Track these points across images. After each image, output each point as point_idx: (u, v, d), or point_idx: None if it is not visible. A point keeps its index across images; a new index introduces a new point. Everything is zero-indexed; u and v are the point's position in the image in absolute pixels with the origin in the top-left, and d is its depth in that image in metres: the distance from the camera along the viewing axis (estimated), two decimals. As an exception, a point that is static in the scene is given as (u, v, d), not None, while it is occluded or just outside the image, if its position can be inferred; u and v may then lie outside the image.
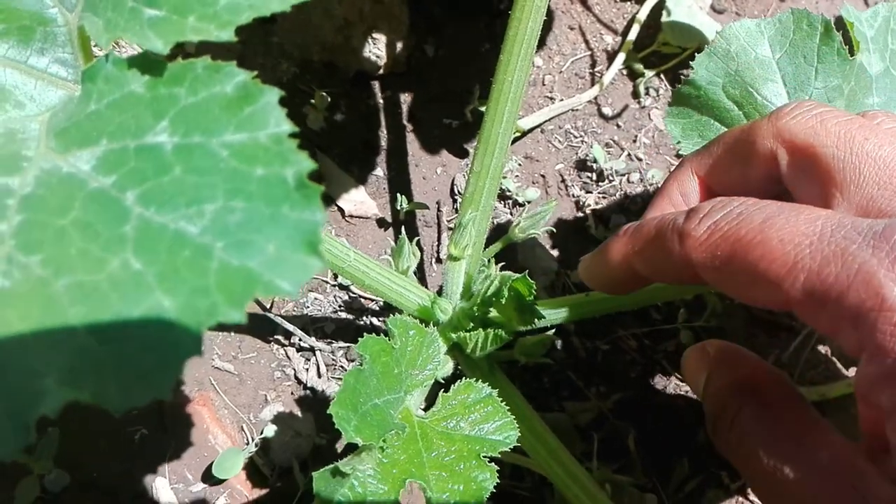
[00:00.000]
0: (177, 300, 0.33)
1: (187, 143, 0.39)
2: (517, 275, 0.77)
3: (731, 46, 0.77)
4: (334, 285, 1.12)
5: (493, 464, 0.70)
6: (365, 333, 0.71)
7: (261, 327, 1.09)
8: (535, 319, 0.81)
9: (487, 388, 0.76)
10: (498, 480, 0.70)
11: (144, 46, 0.44)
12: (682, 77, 0.83)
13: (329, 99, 1.15)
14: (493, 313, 0.85)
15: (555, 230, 1.15)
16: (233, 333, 1.09)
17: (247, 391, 1.06)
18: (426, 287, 1.08)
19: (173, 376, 0.31)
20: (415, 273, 0.95)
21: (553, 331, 0.89)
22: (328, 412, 0.62)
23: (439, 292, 0.96)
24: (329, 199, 1.14)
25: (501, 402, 0.75)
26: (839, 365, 1.12)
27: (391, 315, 0.74)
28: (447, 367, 0.90)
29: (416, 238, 1.13)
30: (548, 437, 0.82)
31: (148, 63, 0.42)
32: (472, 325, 0.87)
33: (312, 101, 1.14)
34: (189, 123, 0.39)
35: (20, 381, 0.31)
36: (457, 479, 0.69)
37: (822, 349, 1.13)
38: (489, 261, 0.94)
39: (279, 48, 1.12)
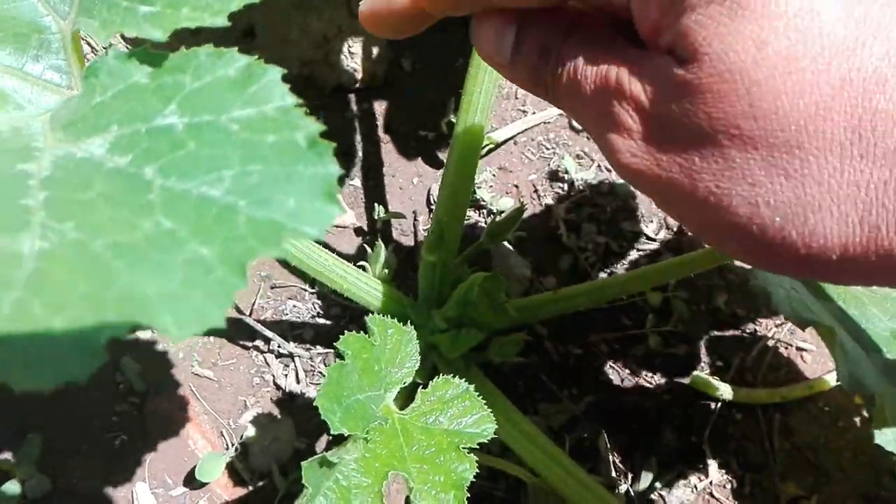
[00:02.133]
0: (213, 248, 0.35)
1: (197, 121, 0.42)
2: (487, 273, 0.80)
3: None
4: (313, 293, 1.14)
5: (472, 455, 0.73)
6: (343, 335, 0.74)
7: (240, 334, 1.11)
8: (507, 318, 0.84)
9: (464, 383, 0.79)
10: (474, 480, 0.73)
11: (143, 36, 0.46)
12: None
13: (307, 111, 1.18)
14: (467, 315, 0.88)
15: (527, 237, 1.19)
16: (212, 339, 1.10)
17: (226, 397, 1.08)
18: (403, 293, 1.11)
19: (224, 307, 0.34)
20: (392, 279, 0.98)
21: (524, 331, 0.92)
22: (314, 405, 0.64)
23: (415, 296, 0.99)
24: (307, 209, 1.17)
25: (478, 396, 0.77)
26: (800, 367, 1.17)
27: (370, 315, 0.77)
28: (424, 368, 0.92)
29: (392, 245, 1.16)
30: (526, 425, 0.85)
31: (149, 55, 0.45)
32: (446, 326, 0.90)
33: (291, 113, 1.17)
34: (197, 105, 0.42)
35: (80, 315, 0.33)
36: (437, 471, 0.72)
37: (784, 352, 1.18)
38: (463, 266, 0.97)
39: (259, 62, 1.15)
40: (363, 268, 0.95)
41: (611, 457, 1.06)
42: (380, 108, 1.24)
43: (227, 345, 1.11)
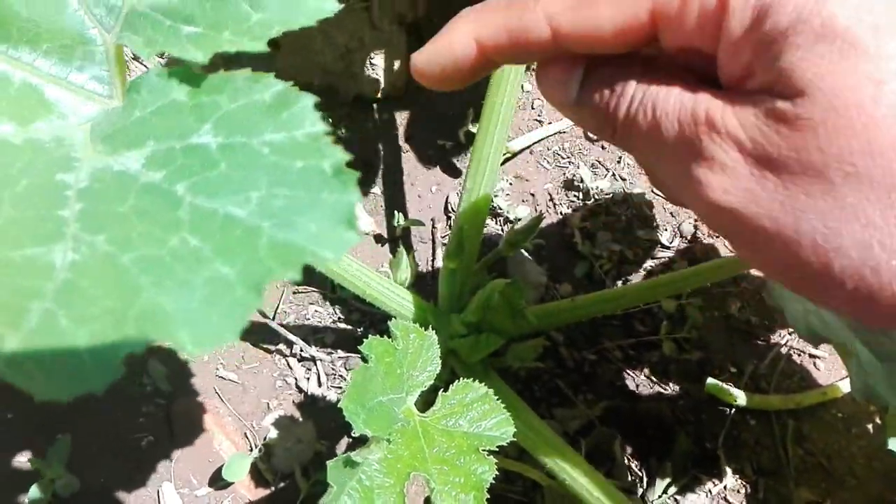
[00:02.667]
0: (235, 268, 0.38)
1: (230, 142, 0.44)
2: (507, 280, 0.83)
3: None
4: (333, 298, 1.17)
5: (491, 457, 0.75)
6: (367, 339, 0.76)
7: (263, 338, 1.14)
8: (526, 324, 0.86)
9: (484, 387, 0.81)
10: (491, 482, 0.75)
11: (185, 58, 0.49)
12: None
13: (330, 121, 1.21)
14: (486, 321, 0.90)
15: (543, 244, 1.21)
16: (236, 344, 1.13)
17: (250, 399, 1.11)
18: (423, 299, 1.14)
19: (240, 326, 0.36)
20: (412, 285, 1.01)
21: (542, 336, 0.94)
22: (337, 406, 0.67)
23: (435, 302, 1.01)
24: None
25: (497, 400, 0.80)
26: (814, 374, 1.18)
27: (393, 320, 0.79)
28: (445, 373, 0.95)
29: (412, 252, 1.19)
30: (543, 429, 0.87)
31: (189, 75, 0.48)
32: (466, 331, 0.92)
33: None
34: (231, 126, 0.45)
35: (103, 330, 0.36)
36: (458, 472, 0.74)
37: (798, 359, 1.19)
38: (482, 273, 1.00)
39: (281, 73, 1.18)
40: (385, 273, 0.98)
41: (626, 461, 1.08)
42: (400, 118, 1.27)
43: (251, 349, 1.13)
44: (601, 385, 1.15)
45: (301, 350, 1.12)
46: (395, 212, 1.19)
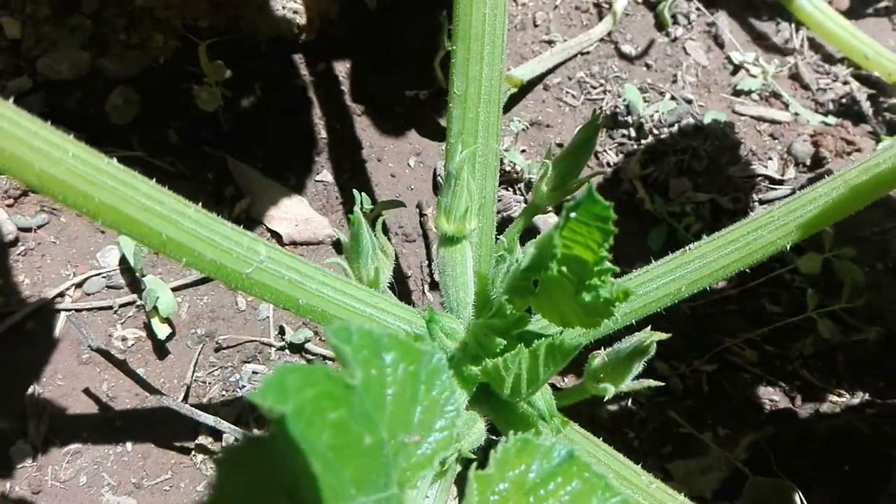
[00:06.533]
0: None
1: None
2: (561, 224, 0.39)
3: None
4: (281, 347, 0.74)
5: None
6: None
7: (174, 430, 0.70)
8: (612, 305, 0.42)
9: (562, 447, 0.37)
10: None
11: None
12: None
13: (229, 72, 0.79)
14: (537, 319, 0.46)
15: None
16: (130, 447, 0.69)
17: (165, 536, 0.66)
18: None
19: None
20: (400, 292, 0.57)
21: (649, 327, 0.51)
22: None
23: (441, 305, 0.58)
24: (255, 223, 0.77)
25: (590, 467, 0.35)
26: None
27: (336, 322, 0.35)
28: (475, 432, 0.50)
29: (391, 243, 0.75)
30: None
31: None
32: (503, 344, 0.48)
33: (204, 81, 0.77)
34: None
35: None
36: None
37: None
38: (514, 247, 0.56)
39: (149, 16, 0.78)
40: (340, 269, 0.54)
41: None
42: (342, 67, 0.86)
43: (156, 451, 0.70)
44: (737, 409, 0.73)
45: (235, 439, 0.68)
46: (355, 192, 0.76)
